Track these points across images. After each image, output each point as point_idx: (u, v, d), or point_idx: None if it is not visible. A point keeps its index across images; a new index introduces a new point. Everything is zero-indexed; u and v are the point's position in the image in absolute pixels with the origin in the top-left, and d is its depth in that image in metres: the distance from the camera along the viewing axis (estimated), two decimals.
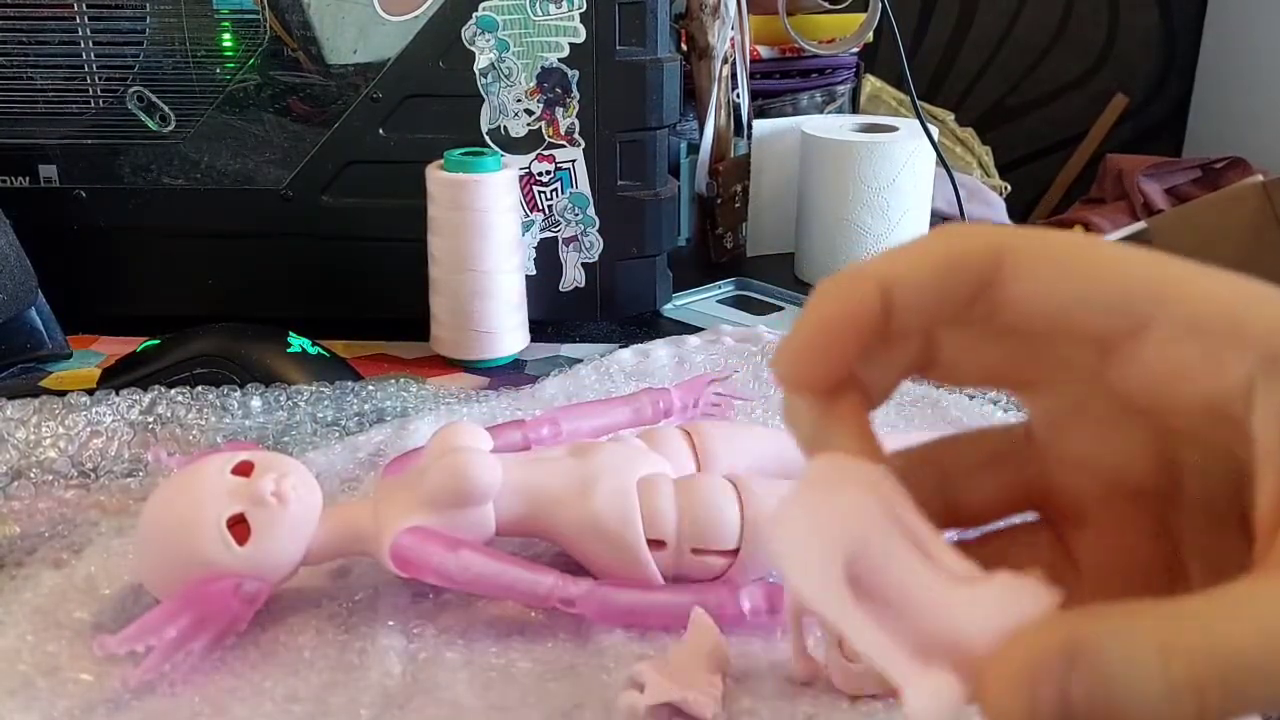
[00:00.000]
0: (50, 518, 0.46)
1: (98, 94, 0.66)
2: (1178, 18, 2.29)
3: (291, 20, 0.65)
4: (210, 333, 0.59)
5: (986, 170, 1.88)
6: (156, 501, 0.38)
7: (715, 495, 0.40)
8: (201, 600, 0.36)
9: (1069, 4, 2.28)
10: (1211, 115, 2.26)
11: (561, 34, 0.64)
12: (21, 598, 0.39)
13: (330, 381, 0.58)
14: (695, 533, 0.40)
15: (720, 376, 0.52)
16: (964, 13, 2.30)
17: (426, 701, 0.35)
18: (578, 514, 0.40)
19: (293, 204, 0.68)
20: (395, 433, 0.53)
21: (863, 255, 0.82)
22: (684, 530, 0.39)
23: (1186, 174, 1.95)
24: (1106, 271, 0.21)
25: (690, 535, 0.40)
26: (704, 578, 0.40)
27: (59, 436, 0.52)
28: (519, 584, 0.38)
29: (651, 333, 0.71)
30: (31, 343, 0.63)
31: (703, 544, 0.40)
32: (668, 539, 0.39)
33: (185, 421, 0.54)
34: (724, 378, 0.52)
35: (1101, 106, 2.34)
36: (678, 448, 0.44)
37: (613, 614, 0.38)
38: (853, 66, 0.99)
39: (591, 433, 0.47)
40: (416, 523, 0.38)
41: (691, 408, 0.50)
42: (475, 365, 0.65)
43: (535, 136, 0.67)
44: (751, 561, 0.40)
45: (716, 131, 0.83)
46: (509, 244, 0.63)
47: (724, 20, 0.81)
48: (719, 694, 0.35)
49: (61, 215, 0.68)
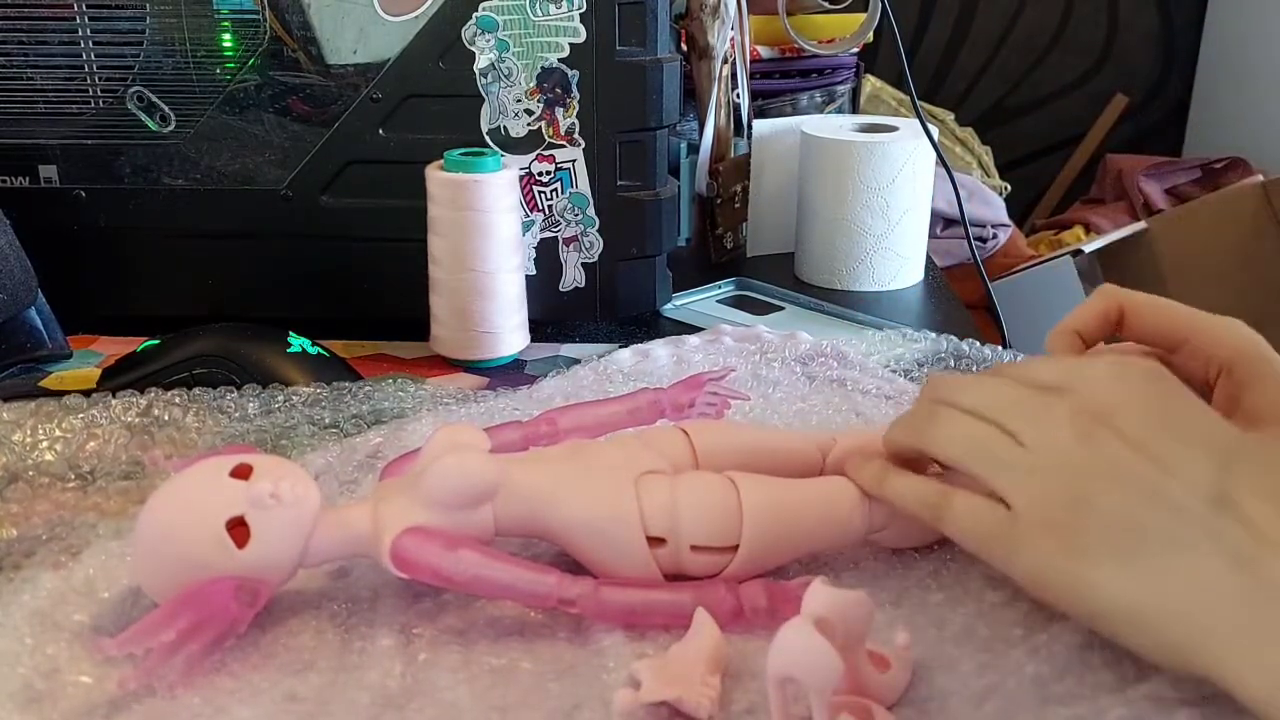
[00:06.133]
0: (48, 520, 0.46)
1: (98, 94, 0.66)
2: (1178, 18, 2.29)
3: (291, 20, 0.65)
4: (210, 333, 0.59)
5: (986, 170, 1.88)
6: (155, 505, 0.38)
7: (714, 492, 0.40)
8: (201, 602, 0.36)
9: (1069, 4, 2.28)
10: (1211, 115, 2.26)
11: (561, 34, 0.64)
12: (20, 600, 0.39)
13: (330, 381, 0.58)
14: (694, 530, 0.40)
15: (716, 375, 0.52)
16: (964, 13, 2.30)
17: (426, 702, 0.35)
18: (577, 513, 0.40)
19: (293, 204, 0.68)
20: (393, 434, 0.52)
21: (863, 255, 0.82)
22: (683, 527, 0.40)
23: (1186, 174, 1.95)
24: (1163, 314, 0.43)
25: (689, 532, 0.40)
26: (704, 575, 0.40)
27: (55, 439, 0.52)
28: (519, 584, 0.38)
29: (651, 333, 0.71)
30: (31, 343, 0.63)
31: (702, 541, 0.40)
32: (667, 536, 0.40)
33: (182, 424, 0.54)
34: (720, 376, 0.52)
35: (1101, 106, 2.34)
36: (675, 446, 0.44)
37: (612, 613, 0.38)
38: (853, 66, 0.99)
39: (589, 432, 0.47)
40: (416, 523, 0.38)
41: (688, 407, 0.50)
42: (475, 365, 0.65)
43: (535, 136, 0.67)
44: (751, 558, 0.40)
45: (716, 131, 0.83)
46: (509, 244, 0.63)
47: (724, 20, 0.81)
48: (715, 694, 0.35)
49: (61, 215, 0.68)
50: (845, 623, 0.32)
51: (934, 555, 0.43)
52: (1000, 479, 0.37)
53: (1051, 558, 0.35)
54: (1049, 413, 0.37)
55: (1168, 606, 0.33)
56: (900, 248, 0.82)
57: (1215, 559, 0.32)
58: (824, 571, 0.42)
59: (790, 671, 0.31)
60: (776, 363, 0.62)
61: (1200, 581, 0.32)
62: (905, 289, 0.84)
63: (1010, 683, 0.35)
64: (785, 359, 0.63)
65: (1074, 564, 0.34)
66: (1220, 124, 2.22)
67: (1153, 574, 0.33)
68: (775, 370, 0.61)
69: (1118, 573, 0.34)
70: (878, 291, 0.83)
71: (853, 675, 0.34)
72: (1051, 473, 0.36)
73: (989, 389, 0.39)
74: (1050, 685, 0.35)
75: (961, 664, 0.36)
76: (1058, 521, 0.35)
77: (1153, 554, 0.33)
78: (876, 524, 0.42)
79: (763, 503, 0.40)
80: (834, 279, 0.84)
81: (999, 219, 1.62)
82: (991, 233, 1.61)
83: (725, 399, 0.51)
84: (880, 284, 0.83)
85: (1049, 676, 0.35)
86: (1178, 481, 0.34)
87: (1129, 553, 0.34)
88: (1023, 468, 0.36)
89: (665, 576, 0.40)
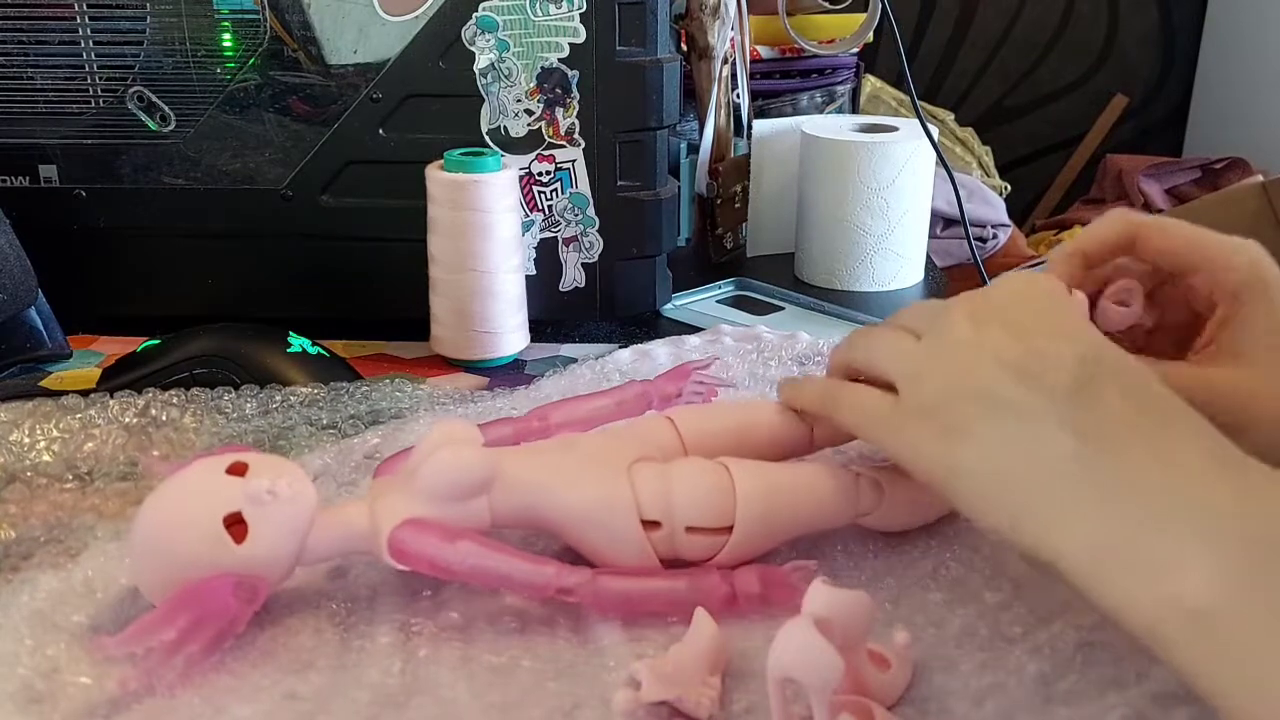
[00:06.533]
0: (46, 521, 0.46)
1: (98, 94, 0.66)
2: (1178, 18, 2.29)
3: (291, 20, 0.65)
4: (210, 333, 0.59)
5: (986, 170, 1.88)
6: (152, 504, 0.37)
7: (707, 474, 0.41)
8: (200, 600, 0.35)
9: (1069, 4, 2.28)
10: (1211, 115, 2.26)
11: (561, 34, 0.64)
12: (19, 601, 0.39)
13: (330, 381, 0.58)
14: (689, 512, 0.40)
15: (702, 364, 0.52)
16: (964, 13, 2.30)
17: (426, 700, 0.35)
18: (572, 501, 0.40)
19: (293, 204, 0.68)
20: (391, 434, 0.52)
21: (863, 255, 0.82)
22: (677, 510, 0.40)
23: (1186, 174, 1.95)
24: (1176, 238, 0.43)
25: (684, 514, 0.40)
26: (700, 558, 0.41)
27: (53, 439, 0.52)
28: (517, 574, 0.38)
29: (651, 333, 0.71)
30: (31, 343, 0.63)
31: (697, 522, 0.40)
32: (662, 519, 0.40)
33: (180, 424, 0.54)
34: (705, 365, 0.52)
35: (1101, 106, 2.34)
36: (662, 434, 0.44)
37: (609, 601, 0.38)
38: (853, 66, 0.99)
39: (579, 426, 0.48)
40: (413, 516, 0.39)
41: (675, 397, 0.51)
42: (475, 365, 0.65)
43: (535, 136, 0.67)
44: (746, 537, 0.40)
45: (716, 131, 0.83)
46: (509, 244, 0.63)
47: (724, 20, 0.81)
48: (716, 694, 0.35)
49: (61, 215, 0.68)
50: (845, 622, 0.32)
51: (934, 554, 0.43)
52: (893, 367, 0.40)
53: (924, 438, 0.38)
54: (949, 311, 0.39)
55: (1010, 472, 0.35)
56: (900, 248, 0.82)
57: (1063, 434, 0.34)
58: (820, 565, 0.42)
59: (790, 671, 0.31)
60: (775, 362, 0.62)
61: (1044, 452, 0.34)
62: (905, 289, 0.84)
63: (1011, 682, 0.35)
64: (784, 359, 0.63)
65: (942, 444, 0.37)
66: (1220, 124, 2.22)
67: (1003, 442, 0.35)
68: (774, 370, 0.61)
69: (975, 445, 0.36)
70: (878, 291, 0.83)
71: (853, 675, 0.34)
72: (937, 359, 0.38)
73: (919, 306, 0.42)
74: (1051, 684, 0.35)
75: (962, 663, 0.36)
76: (934, 405, 0.38)
77: (1007, 424, 0.35)
78: (865, 506, 0.42)
79: (755, 483, 0.41)
80: (834, 279, 0.84)
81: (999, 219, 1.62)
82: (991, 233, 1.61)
83: (712, 388, 0.52)
84: (880, 284, 0.83)
85: (1050, 675, 0.35)
86: (1047, 365, 0.36)
87: (987, 424, 0.36)
88: (915, 356, 0.39)
89: (661, 562, 0.40)
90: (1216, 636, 0.29)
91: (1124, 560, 0.31)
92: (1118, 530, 0.32)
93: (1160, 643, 0.31)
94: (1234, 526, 0.30)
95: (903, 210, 0.81)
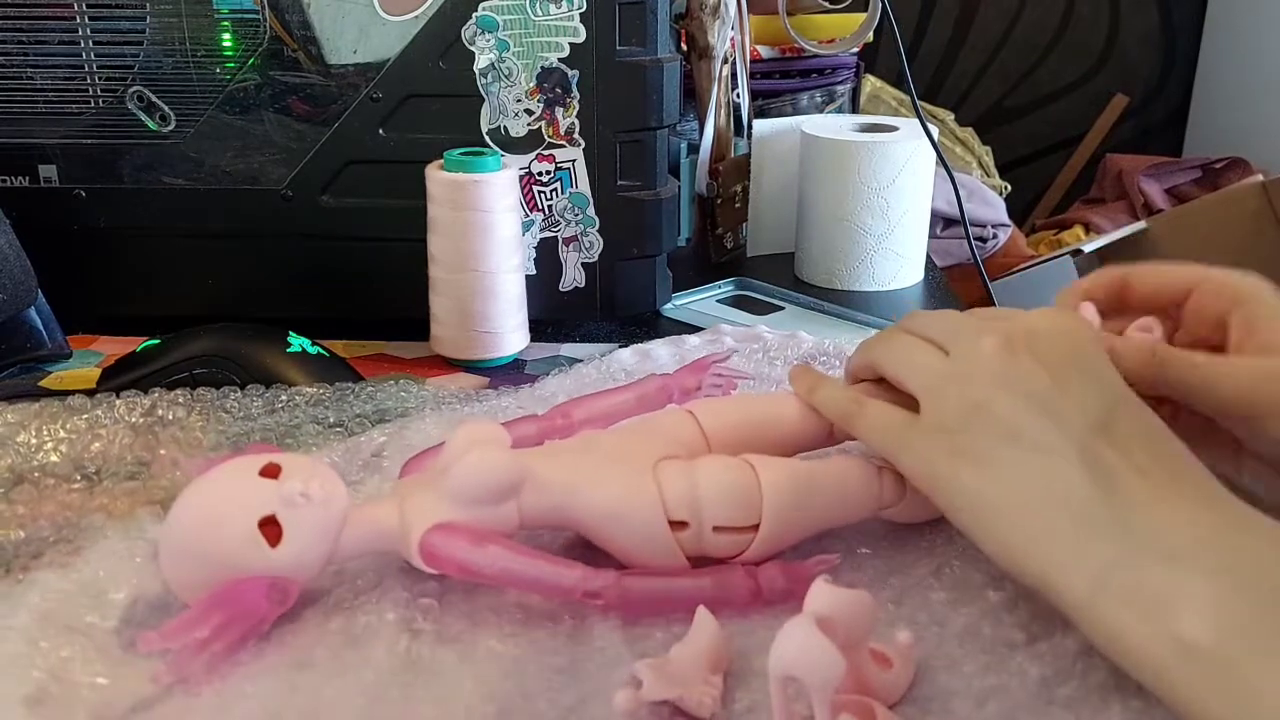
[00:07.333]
0: (54, 522, 0.45)
1: (98, 94, 0.66)
2: (1178, 18, 2.29)
3: (291, 20, 0.65)
4: (210, 333, 0.59)
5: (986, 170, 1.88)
6: (184, 505, 0.38)
7: (732, 473, 0.41)
8: (234, 601, 0.36)
9: (1069, 4, 2.28)
10: (1211, 115, 2.26)
11: (561, 34, 0.64)
12: (29, 602, 0.39)
13: (330, 381, 0.58)
14: (716, 511, 0.40)
15: (720, 357, 0.52)
16: (964, 13, 2.30)
17: (427, 696, 0.35)
18: (599, 503, 0.40)
19: (293, 204, 0.68)
20: (396, 433, 0.52)
21: (863, 255, 0.82)
22: (704, 509, 0.40)
23: (1186, 174, 1.95)
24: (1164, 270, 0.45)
25: (711, 514, 0.40)
26: (727, 556, 0.41)
27: (60, 440, 0.52)
28: (545, 577, 0.38)
29: (651, 333, 0.71)
30: (31, 343, 0.63)
31: (724, 521, 0.40)
32: (689, 519, 0.40)
33: (186, 424, 0.54)
34: (724, 358, 0.52)
35: (1101, 106, 2.34)
36: (684, 429, 0.44)
37: (637, 603, 0.38)
38: (853, 66, 0.99)
39: (601, 422, 0.48)
40: (443, 519, 0.39)
41: (695, 390, 0.51)
42: (475, 365, 0.65)
43: (535, 136, 0.67)
44: (772, 534, 0.41)
45: (716, 131, 0.83)
46: (509, 244, 0.63)
47: (724, 20, 0.81)
48: (717, 693, 0.35)
49: (61, 215, 0.68)
50: (847, 621, 0.32)
51: (937, 554, 0.43)
52: (917, 380, 0.40)
53: (936, 456, 0.38)
54: (981, 333, 0.39)
55: (1018, 501, 0.35)
56: (900, 248, 0.82)
57: (1076, 468, 0.35)
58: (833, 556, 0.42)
59: (792, 670, 0.31)
60: (778, 362, 0.62)
61: (1056, 486, 0.35)
62: (905, 289, 0.84)
63: (1013, 684, 0.35)
64: (786, 359, 0.63)
65: (953, 463, 0.37)
66: (1220, 124, 2.22)
67: (1018, 472, 0.36)
68: (776, 370, 0.61)
69: (990, 471, 0.36)
70: (878, 291, 0.83)
71: (855, 674, 0.34)
72: (963, 379, 0.38)
73: (945, 318, 0.42)
74: (1054, 688, 0.35)
75: (964, 664, 0.36)
76: (951, 425, 0.38)
77: (1024, 455, 0.36)
78: (888, 499, 0.43)
79: (780, 480, 0.41)
80: (834, 279, 0.84)
81: (999, 219, 1.62)
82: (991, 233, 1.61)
83: (731, 380, 0.52)
84: (880, 284, 0.83)
85: (1052, 679, 0.35)
86: (1072, 403, 0.36)
87: (1005, 452, 0.36)
88: (940, 373, 0.39)
89: (689, 560, 0.40)
90: (1213, 673, 0.30)
91: (1123, 594, 0.32)
92: (1119, 566, 0.32)
93: (1156, 677, 0.31)
94: (1232, 567, 0.31)
95: (903, 210, 0.81)
